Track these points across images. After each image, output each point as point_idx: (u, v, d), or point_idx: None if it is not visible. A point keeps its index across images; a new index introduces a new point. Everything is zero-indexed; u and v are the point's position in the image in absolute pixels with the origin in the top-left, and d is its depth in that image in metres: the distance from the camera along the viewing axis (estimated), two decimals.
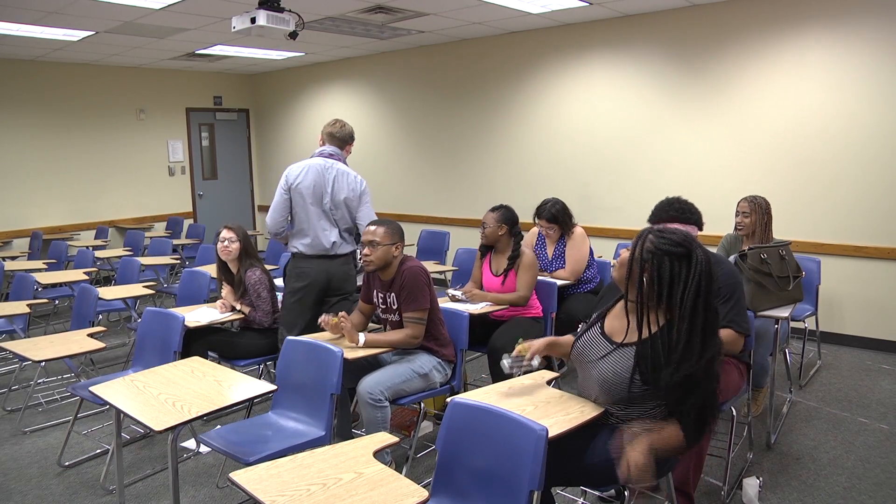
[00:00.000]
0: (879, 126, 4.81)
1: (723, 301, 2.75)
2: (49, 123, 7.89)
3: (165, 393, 2.45)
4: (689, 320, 1.90)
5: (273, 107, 9.62)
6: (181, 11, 5.43)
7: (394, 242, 3.08)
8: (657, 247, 1.93)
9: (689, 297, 1.90)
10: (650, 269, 1.94)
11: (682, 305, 1.90)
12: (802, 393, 4.14)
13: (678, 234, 1.96)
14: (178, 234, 8.28)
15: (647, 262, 1.94)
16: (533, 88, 6.69)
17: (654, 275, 1.93)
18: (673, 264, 1.91)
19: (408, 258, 3.18)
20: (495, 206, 3.90)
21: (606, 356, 2.09)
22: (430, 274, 3.18)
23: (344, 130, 3.82)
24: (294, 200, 3.70)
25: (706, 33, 5.52)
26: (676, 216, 2.81)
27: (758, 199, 3.95)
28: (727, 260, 2.94)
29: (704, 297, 1.91)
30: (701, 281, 1.90)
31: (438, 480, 2.08)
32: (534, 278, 3.75)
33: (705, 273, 1.91)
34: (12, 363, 4.93)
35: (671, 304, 1.93)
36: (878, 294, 4.98)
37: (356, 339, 2.99)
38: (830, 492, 2.95)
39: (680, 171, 5.79)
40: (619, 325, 2.11)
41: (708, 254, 1.96)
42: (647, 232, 2.00)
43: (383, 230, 3.07)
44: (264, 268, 3.85)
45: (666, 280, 1.91)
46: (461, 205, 7.44)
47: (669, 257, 1.92)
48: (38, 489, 3.14)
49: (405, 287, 3.04)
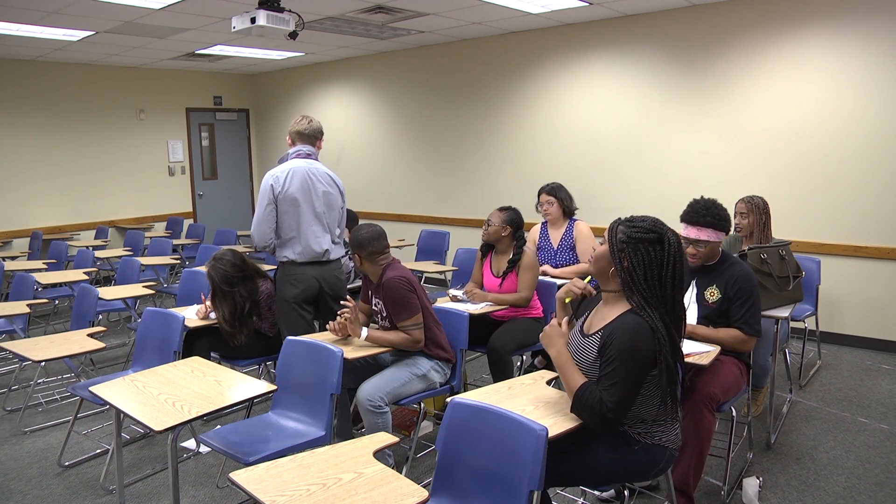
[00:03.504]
0: (879, 126, 4.81)
1: (740, 302, 2.78)
2: (49, 123, 7.90)
3: (165, 393, 2.45)
4: (672, 299, 2.01)
5: (273, 107, 9.62)
6: (181, 11, 5.43)
7: (369, 255, 3.06)
8: (630, 235, 2.02)
9: (668, 278, 2.00)
10: (628, 257, 2.01)
11: (663, 286, 2.00)
12: (802, 393, 4.14)
13: (647, 220, 2.05)
14: (178, 234, 8.28)
15: (623, 251, 2.02)
16: (533, 88, 6.69)
17: (632, 262, 2.00)
18: (648, 249, 2.00)
19: (390, 266, 3.11)
20: (504, 206, 3.85)
21: (580, 347, 2.14)
22: (424, 274, 3.16)
23: (312, 126, 3.67)
24: (281, 209, 3.48)
25: (706, 33, 5.52)
26: (714, 223, 2.80)
27: (755, 199, 3.95)
28: (741, 261, 2.94)
29: (680, 276, 2.02)
30: (676, 261, 2.01)
31: (438, 480, 2.08)
32: (535, 279, 3.74)
33: (678, 253, 2.02)
34: (12, 363, 4.93)
35: (650, 286, 1.99)
36: (878, 294, 4.98)
37: (358, 332, 2.98)
38: (830, 492, 2.95)
39: (680, 171, 5.79)
40: (596, 317, 2.18)
41: (677, 235, 2.06)
42: (616, 223, 2.08)
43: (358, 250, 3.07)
44: (272, 280, 3.75)
45: (645, 265, 1.99)
46: (461, 205, 7.44)
47: (644, 244, 2.00)
48: (38, 489, 3.14)
49: (389, 299, 3.02)
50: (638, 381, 1.97)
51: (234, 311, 3.49)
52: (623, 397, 1.95)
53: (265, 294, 3.64)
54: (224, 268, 3.49)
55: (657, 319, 1.98)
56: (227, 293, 3.48)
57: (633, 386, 1.97)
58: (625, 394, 1.96)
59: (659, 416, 2.08)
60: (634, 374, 1.96)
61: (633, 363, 1.95)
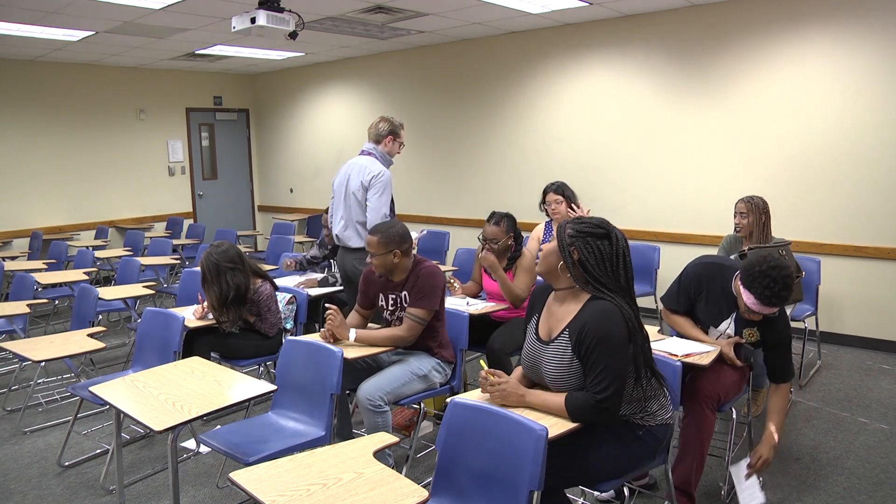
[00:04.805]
0: (879, 126, 4.81)
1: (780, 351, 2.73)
2: (49, 123, 7.89)
3: (165, 393, 2.45)
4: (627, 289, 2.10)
5: (273, 107, 9.62)
6: (181, 11, 5.43)
7: (390, 250, 2.98)
8: (578, 231, 2.11)
9: (621, 269, 2.08)
10: (578, 250, 2.08)
11: (617, 278, 2.08)
12: (802, 393, 4.14)
13: (594, 219, 2.15)
14: (178, 234, 8.28)
15: (573, 244, 2.09)
16: (533, 88, 6.68)
17: (583, 254, 2.08)
18: (597, 243, 2.08)
19: (424, 260, 3.14)
20: (495, 216, 3.71)
21: (547, 356, 2.14)
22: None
23: (378, 127, 4.03)
24: (335, 199, 4.04)
25: (706, 33, 5.52)
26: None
27: (755, 199, 3.95)
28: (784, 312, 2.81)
29: (631, 268, 2.12)
30: (625, 255, 2.10)
31: (438, 480, 2.08)
32: (531, 281, 3.72)
33: (626, 248, 2.12)
34: (12, 363, 4.93)
35: (605, 274, 2.07)
36: (878, 294, 4.98)
37: (346, 335, 2.97)
38: (830, 492, 2.95)
39: (680, 171, 5.79)
40: (551, 321, 2.19)
41: (623, 233, 2.15)
42: (564, 223, 2.16)
43: (377, 240, 2.99)
44: (272, 281, 3.77)
45: (595, 256, 2.07)
46: (461, 205, 7.44)
47: (592, 237, 2.09)
48: (38, 489, 3.14)
49: (418, 285, 3.01)
50: (623, 362, 2.03)
51: (219, 297, 3.51)
52: (613, 381, 2.00)
53: (265, 294, 3.64)
54: (216, 257, 3.54)
55: (619, 299, 2.05)
56: (214, 280, 3.51)
57: (621, 368, 2.02)
58: (614, 378, 2.01)
59: (648, 392, 2.13)
60: (618, 357, 2.02)
61: (613, 346, 2.01)
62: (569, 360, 2.07)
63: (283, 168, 9.65)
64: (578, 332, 2.04)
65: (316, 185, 9.11)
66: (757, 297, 2.55)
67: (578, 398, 2.04)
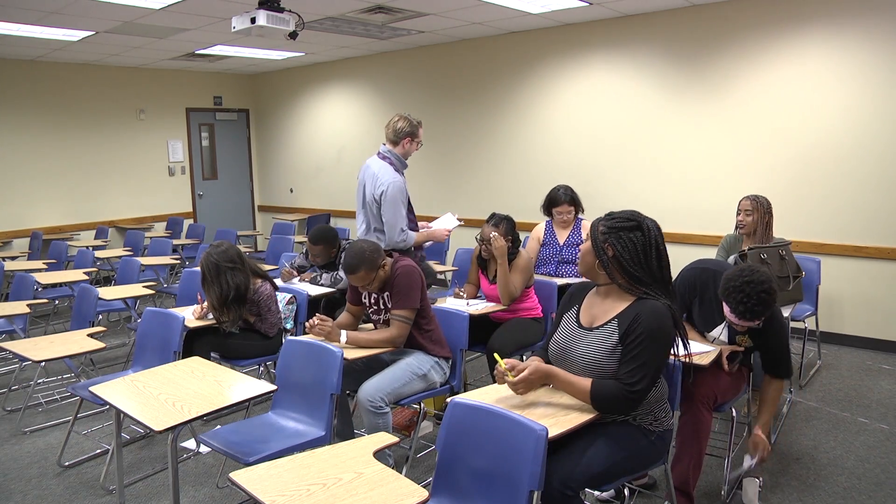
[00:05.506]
0: (879, 126, 4.80)
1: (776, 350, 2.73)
2: (49, 123, 7.89)
3: (165, 393, 2.45)
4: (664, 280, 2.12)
5: (273, 107, 9.62)
6: (181, 11, 5.43)
7: (376, 270, 3.00)
8: (610, 227, 2.13)
9: (654, 259, 2.10)
10: (612, 245, 2.10)
11: (650, 269, 2.09)
12: (802, 393, 4.14)
13: (625, 212, 2.16)
14: (178, 235, 8.28)
15: (607, 241, 2.11)
16: (533, 88, 6.68)
17: (617, 249, 2.09)
18: (630, 236, 2.10)
19: (401, 258, 3.14)
20: (495, 218, 3.72)
21: (588, 340, 2.16)
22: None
23: (397, 127, 3.80)
24: None
25: (706, 33, 5.52)
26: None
27: (760, 198, 3.95)
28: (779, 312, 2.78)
29: (666, 258, 2.13)
30: (659, 244, 2.12)
31: (438, 480, 2.08)
32: (525, 280, 3.72)
33: (660, 236, 2.13)
34: (12, 363, 4.93)
35: (642, 270, 2.09)
36: (878, 294, 4.97)
37: (337, 338, 2.96)
38: (830, 492, 2.95)
39: (680, 171, 5.79)
40: (595, 311, 2.21)
41: (655, 222, 2.15)
42: (597, 221, 2.19)
43: (363, 273, 2.97)
44: (272, 281, 3.78)
45: (630, 251, 2.08)
46: (461, 205, 7.43)
47: (625, 231, 2.11)
48: (38, 489, 3.14)
49: (396, 285, 3.02)
50: (662, 361, 2.08)
51: (219, 297, 3.51)
52: (647, 376, 2.04)
53: (265, 294, 3.64)
54: (216, 257, 3.53)
55: (665, 299, 2.08)
56: (214, 280, 3.50)
57: (658, 366, 2.07)
58: (651, 372, 2.04)
59: (661, 396, 2.20)
60: (660, 355, 2.06)
61: (659, 343, 2.05)
62: (611, 347, 2.09)
63: (283, 168, 9.65)
64: (630, 321, 2.06)
65: (316, 185, 9.11)
66: (732, 310, 2.59)
67: (607, 384, 2.07)
